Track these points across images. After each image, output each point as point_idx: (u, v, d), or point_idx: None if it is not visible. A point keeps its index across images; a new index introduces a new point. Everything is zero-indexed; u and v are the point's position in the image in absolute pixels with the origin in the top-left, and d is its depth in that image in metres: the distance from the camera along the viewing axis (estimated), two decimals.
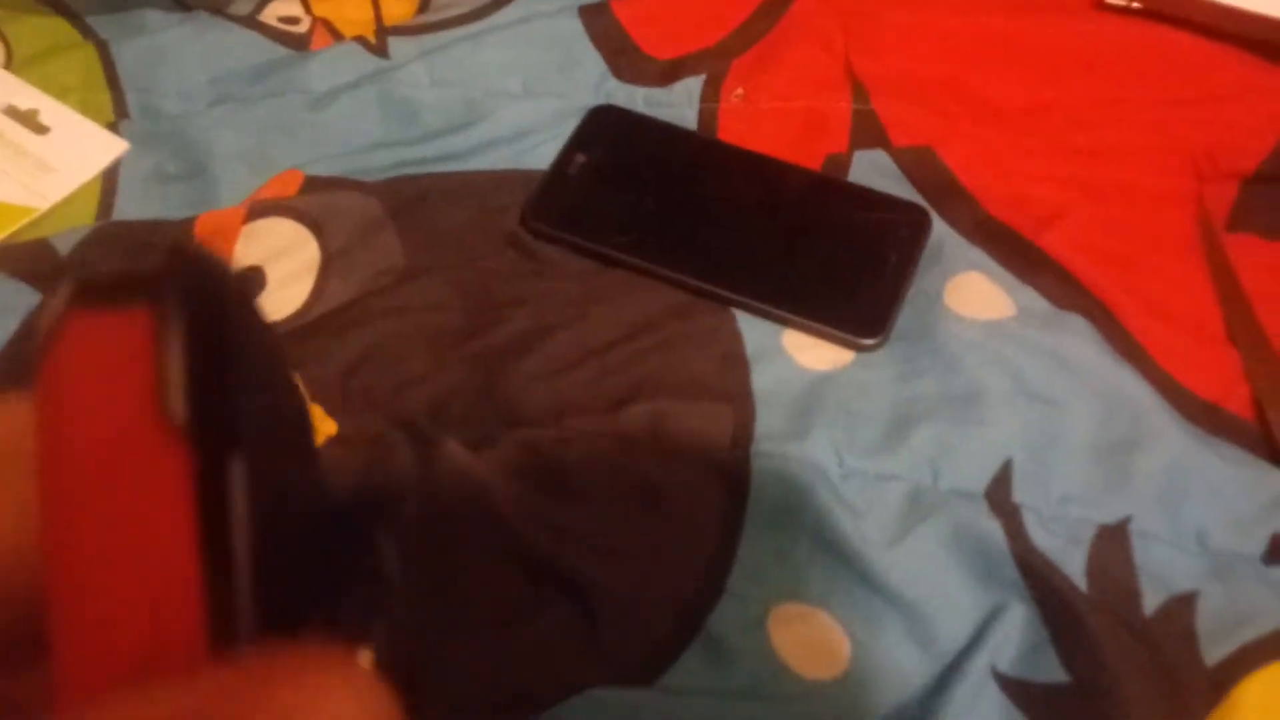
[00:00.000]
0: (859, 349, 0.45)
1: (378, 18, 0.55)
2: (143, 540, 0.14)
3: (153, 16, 0.54)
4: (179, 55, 0.53)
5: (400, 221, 0.48)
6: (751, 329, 0.46)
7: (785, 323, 0.46)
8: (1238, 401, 0.45)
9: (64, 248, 0.46)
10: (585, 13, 0.55)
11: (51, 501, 0.14)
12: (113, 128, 0.51)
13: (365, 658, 0.16)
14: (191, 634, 0.14)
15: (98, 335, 0.14)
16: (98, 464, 0.14)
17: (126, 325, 0.14)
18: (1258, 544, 0.41)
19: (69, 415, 0.14)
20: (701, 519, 0.40)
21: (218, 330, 0.15)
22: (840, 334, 0.45)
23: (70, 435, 0.14)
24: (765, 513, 0.41)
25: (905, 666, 0.38)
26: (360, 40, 0.54)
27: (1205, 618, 0.39)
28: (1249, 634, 0.39)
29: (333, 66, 0.52)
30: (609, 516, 0.40)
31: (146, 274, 0.15)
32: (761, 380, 0.44)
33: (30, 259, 0.46)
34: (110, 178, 0.50)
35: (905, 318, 0.46)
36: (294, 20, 0.55)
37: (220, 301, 0.15)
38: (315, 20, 0.55)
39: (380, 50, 0.53)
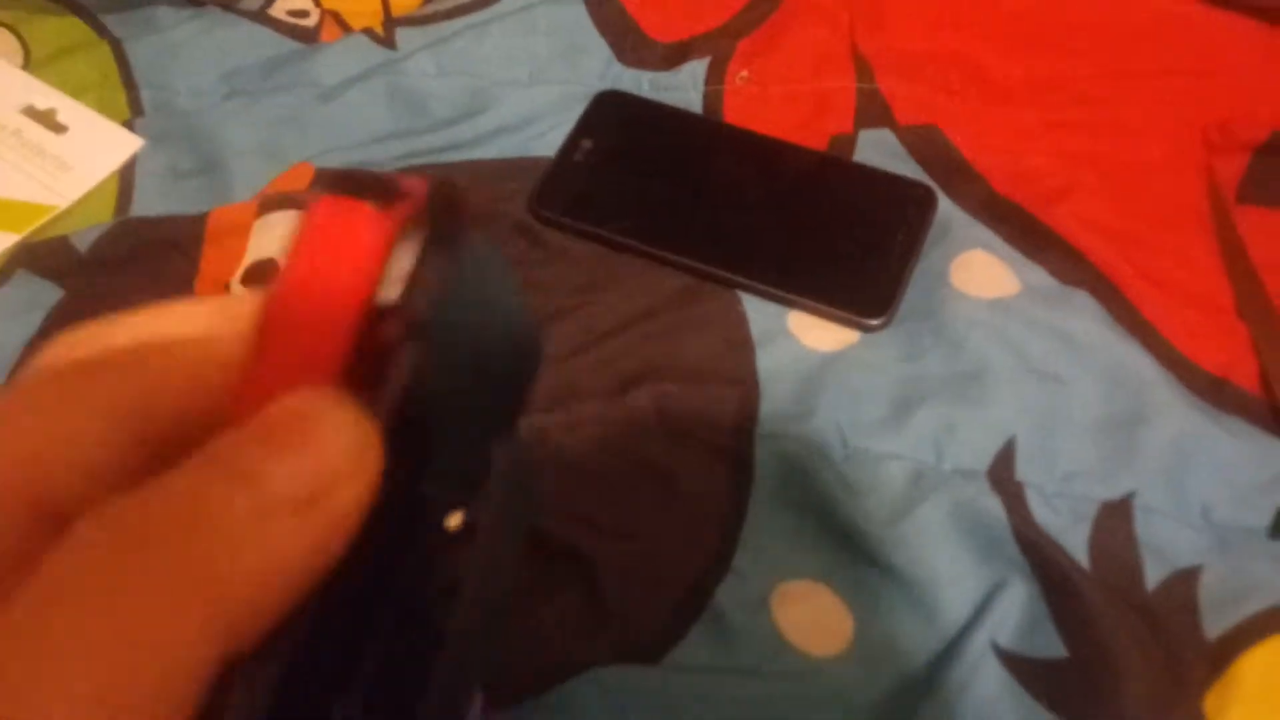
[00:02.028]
0: (864, 329, 0.45)
1: (385, 9, 0.56)
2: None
3: (164, 13, 0.55)
4: (191, 51, 0.54)
5: None
6: (757, 311, 0.46)
7: (791, 304, 0.46)
8: (1245, 376, 0.45)
9: (83, 245, 0.48)
10: None
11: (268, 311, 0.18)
12: (128, 125, 0.52)
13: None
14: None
15: (348, 215, 0.18)
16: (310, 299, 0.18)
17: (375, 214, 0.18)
18: (1263, 517, 0.41)
19: (308, 260, 0.18)
20: (707, 500, 0.41)
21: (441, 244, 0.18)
22: (845, 315, 0.45)
23: (301, 273, 0.18)
24: (770, 493, 0.41)
25: (907, 643, 0.38)
26: (368, 32, 0.54)
27: (1208, 592, 0.39)
28: (1251, 608, 0.39)
29: (342, 59, 0.53)
30: (616, 499, 0.41)
31: (405, 185, 0.19)
32: (767, 362, 0.44)
33: (51, 256, 0.47)
34: (127, 175, 0.51)
35: (911, 297, 0.46)
36: (303, 14, 0.56)
37: (453, 226, 0.19)
38: (324, 13, 0.56)
39: (388, 41, 0.54)
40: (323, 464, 0.17)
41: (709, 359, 0.45)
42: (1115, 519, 0.40)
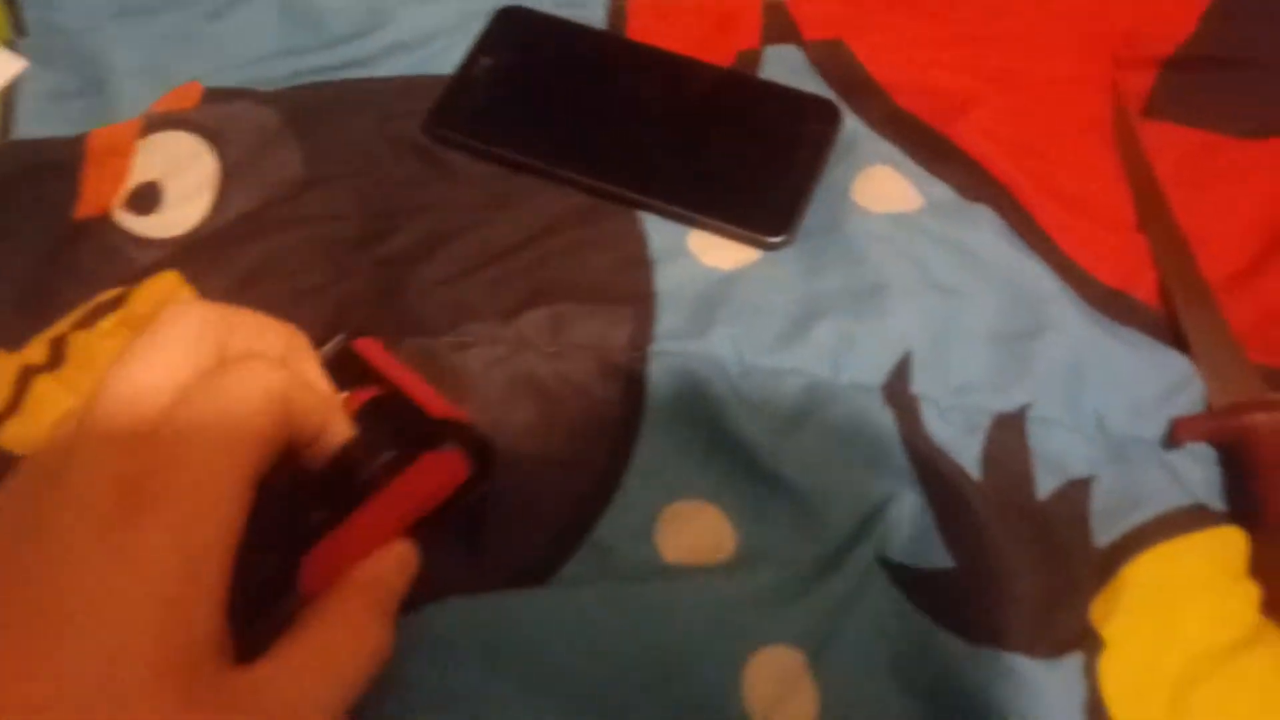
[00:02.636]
0: (766, 248, 0.45)
1: None
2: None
3: None
4: None
5: (300, 131, 0.47)
6: (657, 231, 0.45)
7: (691, 223, 0.45)
8: (1144, 288, 0.45)
9: None
10: None
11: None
12: (10, 45, 0.50)
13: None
14: None
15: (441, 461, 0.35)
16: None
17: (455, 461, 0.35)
18: (1156, 428, 0.41)
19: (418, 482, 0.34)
20: (597, 420, 0.41)
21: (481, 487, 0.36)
22: (746, 233, 0.45)
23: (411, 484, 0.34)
24: (662, 411, 0.41)
25: (790, 557, 0.38)
26: None
27: (1099, 501, 0.39)
28: (1140, 516, 0.39)
29: None
30: (503, 420, 0.40)
31: (471, 436, 0.36)
32: (664, 281, 0.44)
33: None
34: (8, 97, 0.49)
35: (813, 214, 0.45)
36: None
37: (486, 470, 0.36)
38: None
39: None
40: None
41: (606, 278, 0.44)
42: (1008, 430, 0.40)
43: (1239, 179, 0.47)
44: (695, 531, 0.39)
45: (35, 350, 0.41)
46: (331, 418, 0.33)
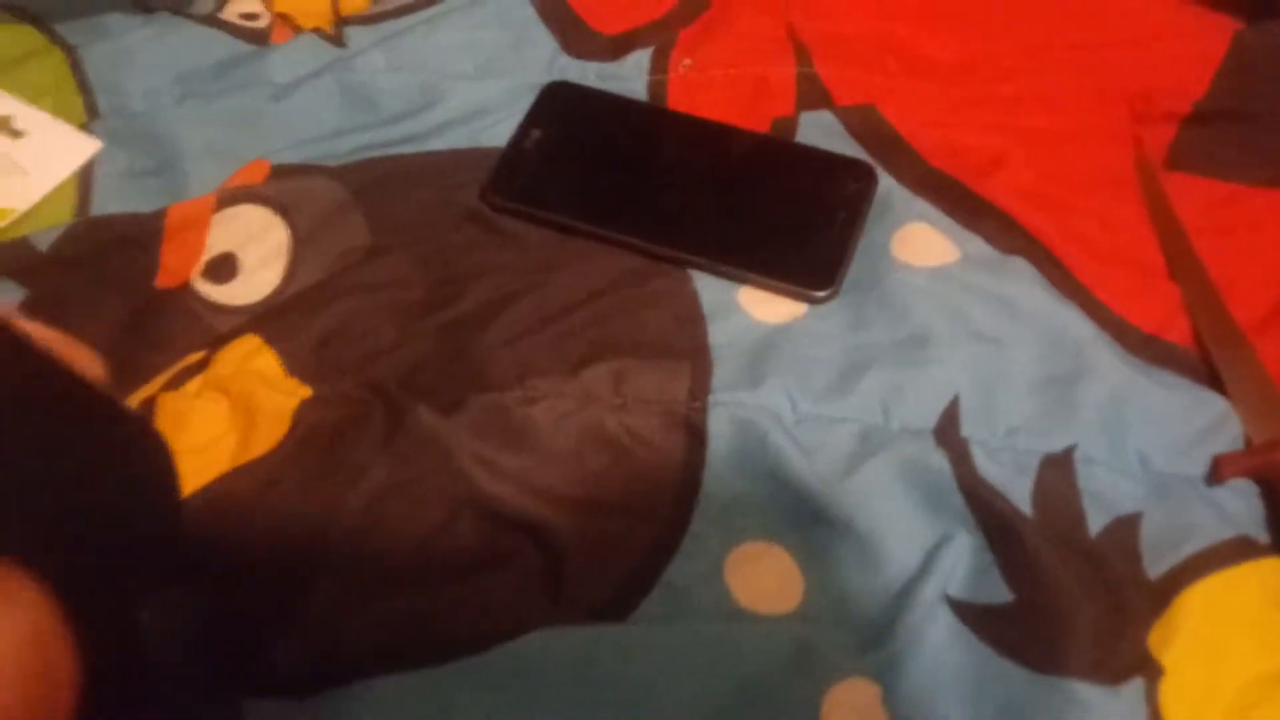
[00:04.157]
0: (812, 301, 0.47)
1: (335, 9, 0.57)
2: None
3: (116, 20, 0.56)
4: (144, 55, 0.55)
5: (365, 202, 0.50)
6: (707, 288, 0.47)
7: (740, 280, 0.47)
8: (1177, 332, 0.47)
9: (43, 244, 0.48)
10: None
11: None
12: (85, 128, 0.53)
13: None
14: None
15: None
16: None
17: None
18: (1198, 466, 0.43)
19: None
20: (662, 469, 0.42)
21: None
22: (793, 288, 0.47)
23: None
24: (723, 460, 0.42)
25: (858, 596, 0.39)
26: (318, 32, 0.55)
27: (1148, 536, 0.41)
28: (1190, 548, 0.40)
29: (293, 58, 0.54)
30: (572, 470, 0.42)
31: None
32: (718, 336, 0.46)
33: (12, 256, 0.48)
34: (85, 176, 0.52)
35: (855, 269, 0.47)
36: (254, 16, 0.57)
37: None
38: (274, 15, 0.57)
39: (338, 40, 0.55)
40: None
41: (662, 334, 0.46)
42: (1057, 470, 0.42)
43: (1262, 226, 0.49)
44: (764, 572, 0.40)
45: None
46: None
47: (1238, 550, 0.40)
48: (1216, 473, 0.42)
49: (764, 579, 0.40)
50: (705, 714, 0.36)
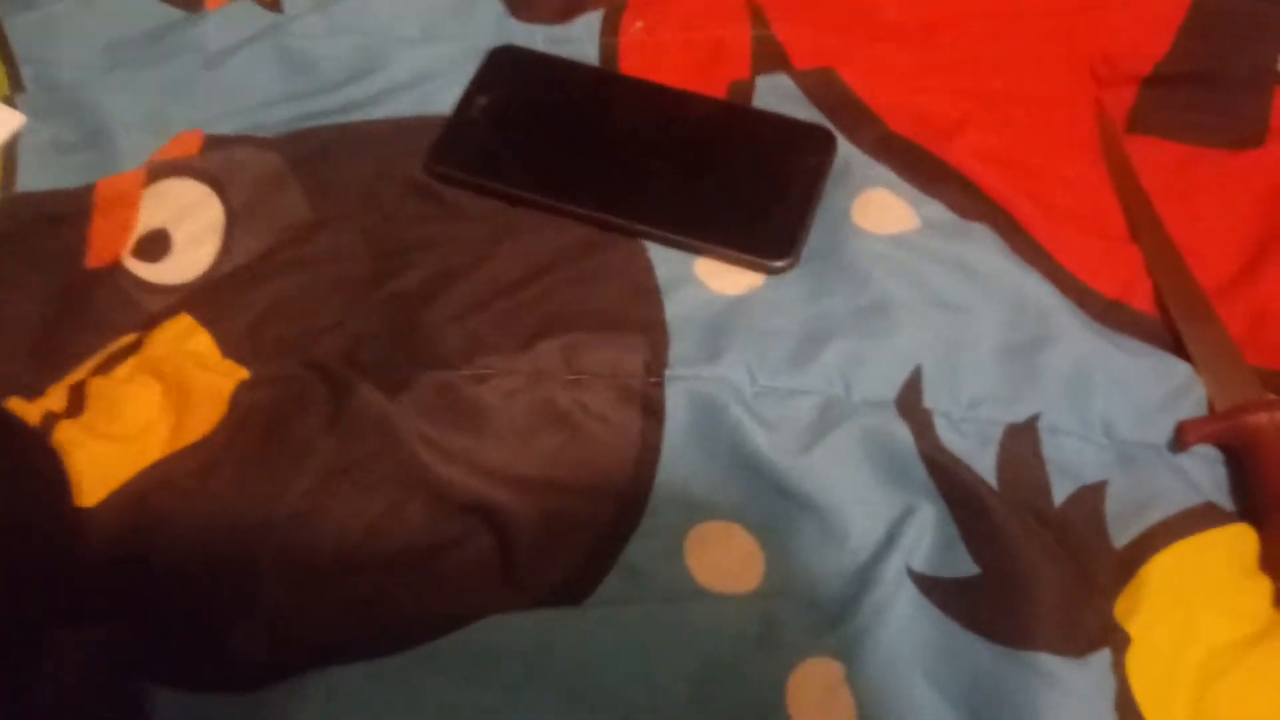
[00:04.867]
0: (770, 272, 0.45)
1: None
2: None
3: None
4: (71, 25, 0.52)
5: (303, 174, 0.48)
6: (663, 260, 0.46)
7: (696, 251, 0.46)
8: (1141, 298, 0.46)
9: None
10: None
11: None
12: (9, 101, 0.51)
13: None
14: None
15: None
16: None
17: None
18: (1162, 433, 0.42)
19: None
20: (618, 447, 0.41)
21: None
22: (751, 258, 0.45)
23: None
24: (681, 435, 0.41)
25: (819, 573, 0.38)
26: None
27: (1113, 504, 0.40)
28: (1155, 516, 0.40)
29: (227, 24, 0.52)
30: (524, 449, 0.41)
31: None
32: (674, 308, 0.44)
33: None
34: (9, 152, 0.49)
35: (815, 238, 0.46)
36: None
37: None
38: None
39: (274, 5, 0.53)
40: None
41: (616, 307, 0.44)
42: (1021, 440, 0.41)
43: (1223, 189, 0.48)
44: (724, 551, 0.39)
45: (55, 398, 0.41)
46: None
47: (1203, 517, 0.40)
48: (1181, 439, 0.41)
49: (724, 558, 0.39)
50: (667, 696, 0.35)
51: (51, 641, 0.20)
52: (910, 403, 0.42)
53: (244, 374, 0.42)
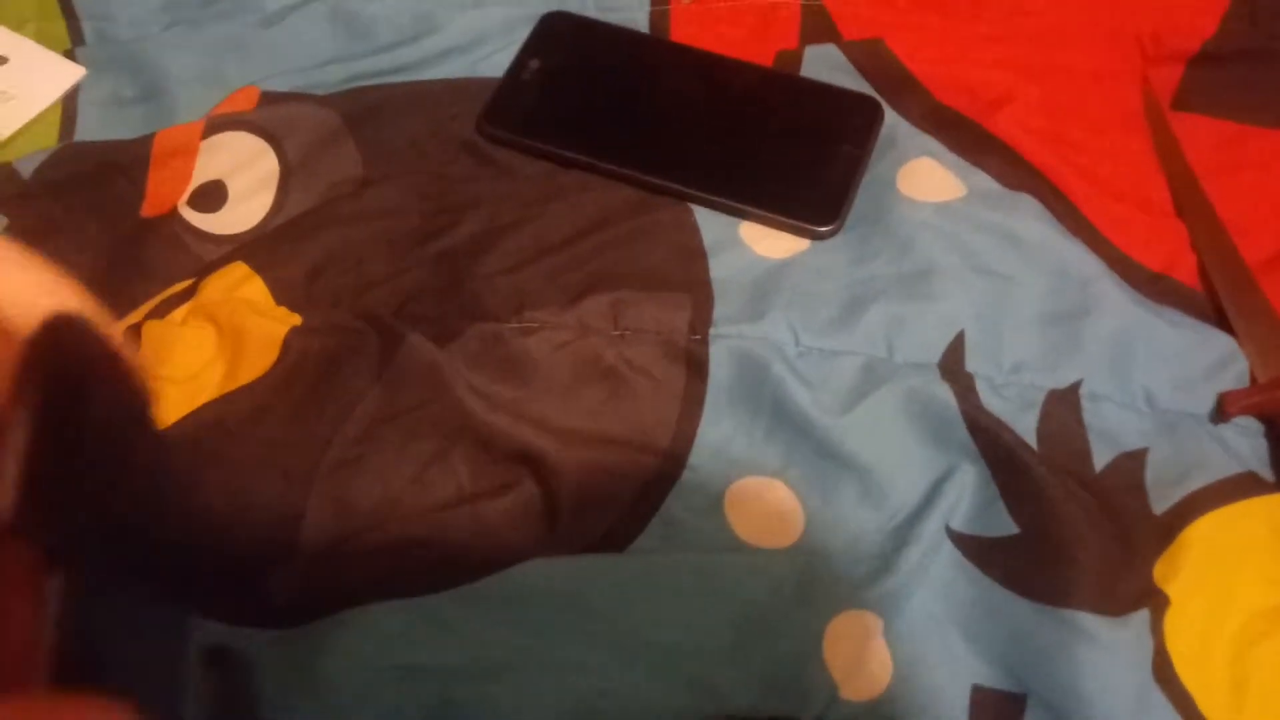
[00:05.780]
0: (815, 237, 0.46)
1: None
2: None
3: None
4: None
5: (357, 131, 0.48)
6: (709, 222, 0.46)
7: (742, 215, 0.46)
8: (1184, 271, 0.46)
9: (26, 171, 0.47)
10: None
11: None
12: (69, 55, 0.52)
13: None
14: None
15: None
16: None
17: None
18: (1204, 403, 0.42)
19: None
20: (662, 402, 0.41)
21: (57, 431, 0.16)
22: (796, 223, 0.46)
23: None
24: (724, 392, 0.42)
25: (859, 530, 0.39)
26: None
27: (1154, 471, 0.40)
28: (1196, 483, 0.40)
29: None
30: (570, 401, 0.41)
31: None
32: (719, 270, 0.45)
33: None
34: (70, 104, 0.50)
35: (860, 205, 0.47)
36: None
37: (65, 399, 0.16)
38: None
39: None
40: None
41: (662, 267, 0.45)
42: (1063, 405, 0.41)
43: (1268, 166, 0.48)
44: (764, 506, 0.39)
45: None
46: None
47: (1243, 486, 0.40)
48: (1222, 410, 0.41)
49: (764, 513, 0.39)
50: (705, 642, 0.36)
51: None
52: (952, 366, 0.42)
53: (296, 320, 0.42)
